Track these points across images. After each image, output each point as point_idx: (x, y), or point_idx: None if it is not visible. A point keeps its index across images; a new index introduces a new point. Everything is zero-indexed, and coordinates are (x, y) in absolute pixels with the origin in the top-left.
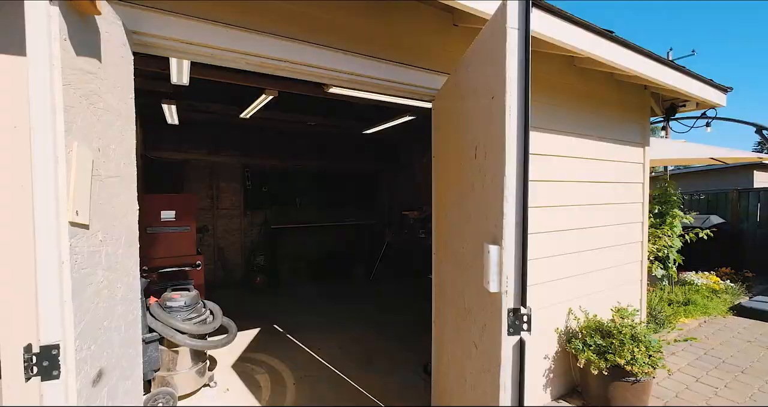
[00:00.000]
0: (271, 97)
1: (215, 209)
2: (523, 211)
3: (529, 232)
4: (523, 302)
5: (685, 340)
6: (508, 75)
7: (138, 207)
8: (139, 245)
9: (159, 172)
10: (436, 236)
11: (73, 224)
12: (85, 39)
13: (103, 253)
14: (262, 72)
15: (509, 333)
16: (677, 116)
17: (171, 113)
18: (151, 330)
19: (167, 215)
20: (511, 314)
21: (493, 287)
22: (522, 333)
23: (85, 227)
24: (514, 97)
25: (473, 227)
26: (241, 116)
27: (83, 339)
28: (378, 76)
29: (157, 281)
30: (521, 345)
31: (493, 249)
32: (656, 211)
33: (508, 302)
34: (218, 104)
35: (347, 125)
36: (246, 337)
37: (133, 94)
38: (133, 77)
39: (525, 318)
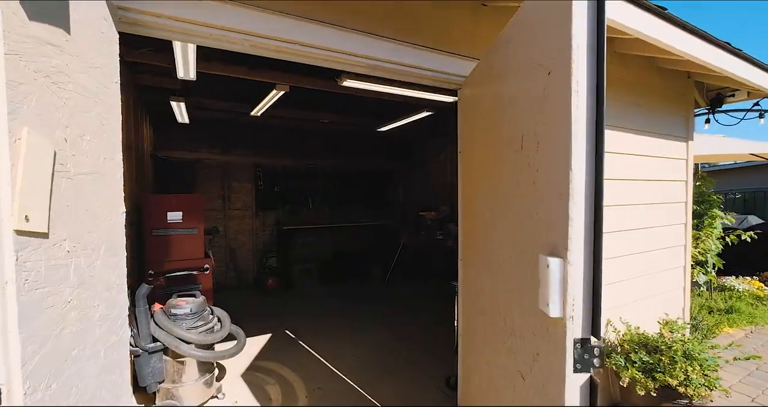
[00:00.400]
0: (282, 92)
1: (227, 210)
2: (595, 216)
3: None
4: (595, 332)
5: (747, 359)
6: (574, 42)
7: (125, 209)
8: (126, 254)
9: (170, 172)
10: (463, 240)
11: (20, 232)
12: (45, 4)
13: (72, 266)
14: (270, 56)
15: (576, 370)
16: (724, 107)
17: (180, 111)
18: (154, 339)
19: (174, 216)
20: (578, 346)
21: (553, 311)
22: (592, 369)
23: (43, 235)
24: (582, 69)
25: (518, 232)
26: (252, 113)
27: (37, 378)
28: (399, 61)
29: (163, 285)
30: (592, 387)
31: (554, 263)
32: (694, 211)
33: (575, 330)
34: (228, 101)
35: (361, 122)
36: (257, 343)
37: (119, 79)
38: (118, 59)
39: (596, 352)
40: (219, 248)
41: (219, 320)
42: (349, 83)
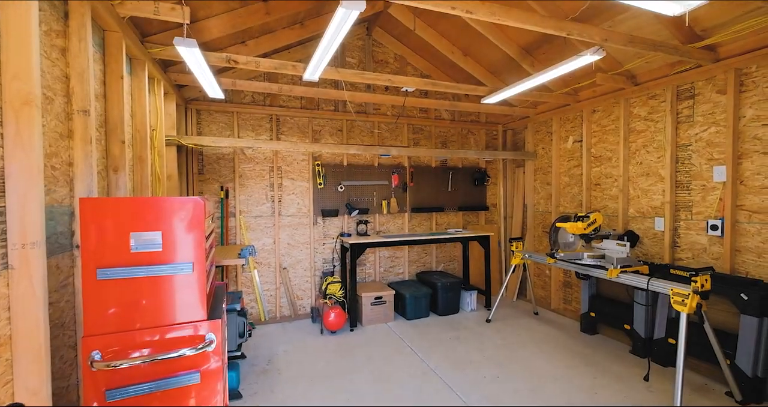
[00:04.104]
0: (358, 11)
1: (277, 216)
2: None
3: None
4: None
5: None
6: None
7: None
8: None
9: (206, 166)
10: None
11: None
12: None
13: None
14: None
15: None
16: None
17: (205, 76)
18: None
19: (144, 240)
20: None
21: None
22: None
23: None
24: None
25: None
26: (306, 76)
27: None
28: None
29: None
30: None
31: None
32: None
33: None
34: (269, 56)
35: (460, 91)
36: None
37: None
38: None
39: None
40: (267, 267)
41: None
42: None
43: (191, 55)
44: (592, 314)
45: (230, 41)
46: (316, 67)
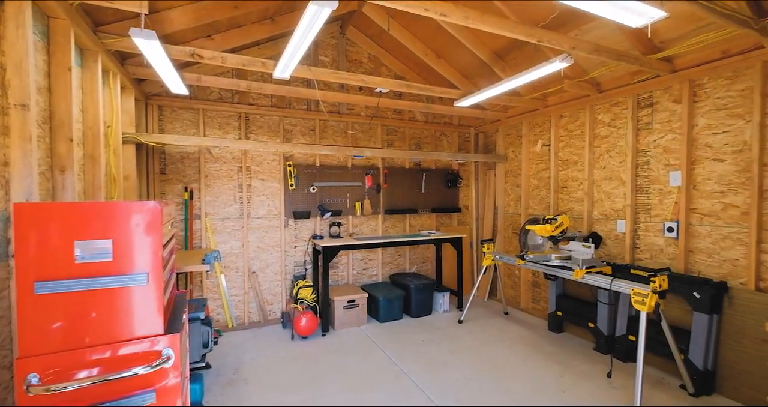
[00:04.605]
0: (330, 10)
1: (246, 218)
2: None
3: None
4: None
5: None
6: None
7: None
8: None
9: (165, 167)
10: None
11: None
12: None
13: None
14: None
15: None
16: None
17: (167, 70)
18: None
19: (91, 249)
20: None
21: None
22: None
23: None
24: None
25: None
26: (276, 74)
27: None
28: None
29: None
30: None
31: None
32: None
33: None
34: (237, 52)
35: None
36: None
37: None
38: None
39: None
40: (234, 271)
41: None
42: None
43: (150, 48)
44: (559, 313)
45: (195, 34)
46: (286, 65)
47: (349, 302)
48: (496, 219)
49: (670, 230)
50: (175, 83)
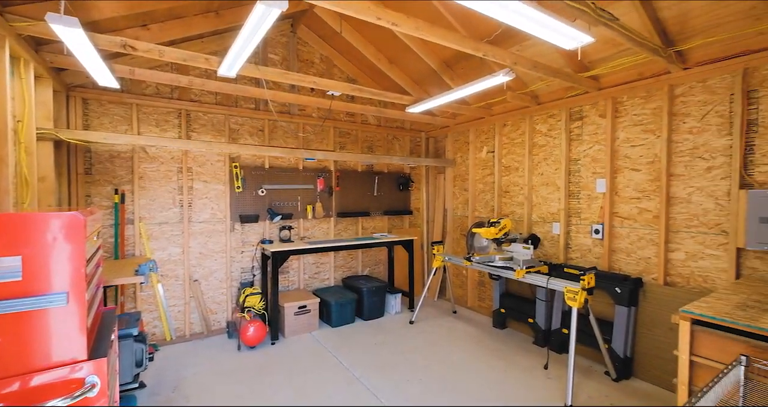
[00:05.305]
0: (279, 11)
1: (187, 223)
2: None
3: None
4: None
5: None
6: None
7: None
8: None
9: (91, 166)
10: None
11: None
12: None
13: None
14: None
15: None
16: None
17: (92, 61)
18: None
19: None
20: None
21: None
22: None
23: None
24: None
25: None
26: (221, 72)
27: None
28: None
29: None
30: None
31: None
32: None
33: None
34: (177, 45)
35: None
36: None
37: None
38: None
39: None
40: (174, 280)
41: None
42: None
43: (72, 37)
44: (503, 310)
45: (128, 23)
46: (232, 63)
47: (300, 308)
48: (445, 221)
49: (597, 232)
50: (103, 75)
